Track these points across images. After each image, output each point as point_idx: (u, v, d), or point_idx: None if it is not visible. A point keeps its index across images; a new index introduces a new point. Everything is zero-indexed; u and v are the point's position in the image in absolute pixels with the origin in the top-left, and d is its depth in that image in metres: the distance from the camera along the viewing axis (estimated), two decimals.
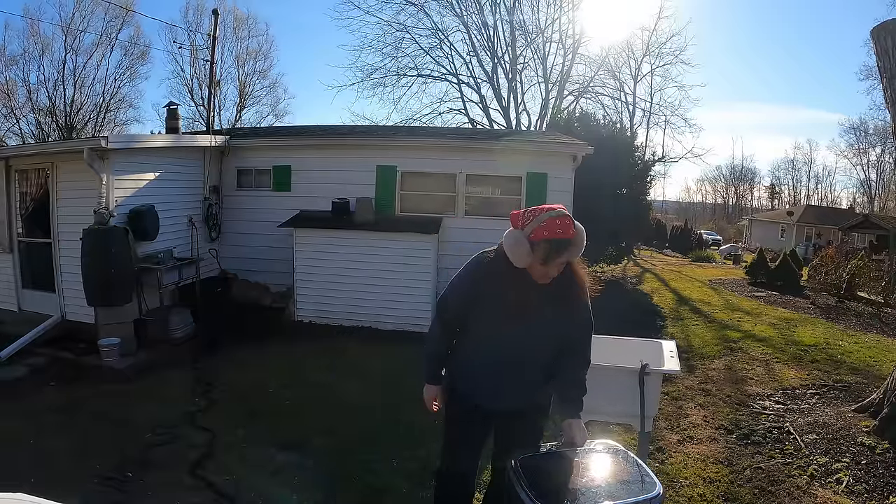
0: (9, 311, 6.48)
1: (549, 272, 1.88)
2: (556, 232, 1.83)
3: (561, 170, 7.53)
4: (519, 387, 2.03)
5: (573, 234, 1.87)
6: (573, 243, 1.87)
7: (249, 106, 31.10)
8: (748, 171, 55.65)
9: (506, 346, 1.99)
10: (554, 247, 1.84)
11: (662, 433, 3.97)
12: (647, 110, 26.66)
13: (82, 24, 26.34)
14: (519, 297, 1.90)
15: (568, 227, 1.85)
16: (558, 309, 1.95)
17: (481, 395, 2.08)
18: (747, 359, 5.87)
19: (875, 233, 22.77)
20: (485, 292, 1.97)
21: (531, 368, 2.03)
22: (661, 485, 1.70)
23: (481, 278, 2.00)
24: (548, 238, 1.83)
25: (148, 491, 3.06)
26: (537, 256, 1.85)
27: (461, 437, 2.18)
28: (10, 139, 24.83)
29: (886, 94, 4.08)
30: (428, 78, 21.52)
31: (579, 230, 1.90)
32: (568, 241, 1.85)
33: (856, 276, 9.73)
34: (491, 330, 2.00)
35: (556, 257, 1.85)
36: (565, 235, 1.84)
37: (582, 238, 1.90)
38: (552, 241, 1.83)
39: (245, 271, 7.98)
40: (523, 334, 1.95)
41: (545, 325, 1.96)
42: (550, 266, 1.86)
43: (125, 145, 6.06)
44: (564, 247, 1.85)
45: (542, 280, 1.90)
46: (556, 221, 1.83)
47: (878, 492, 3.03)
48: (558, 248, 1.84)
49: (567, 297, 1.96)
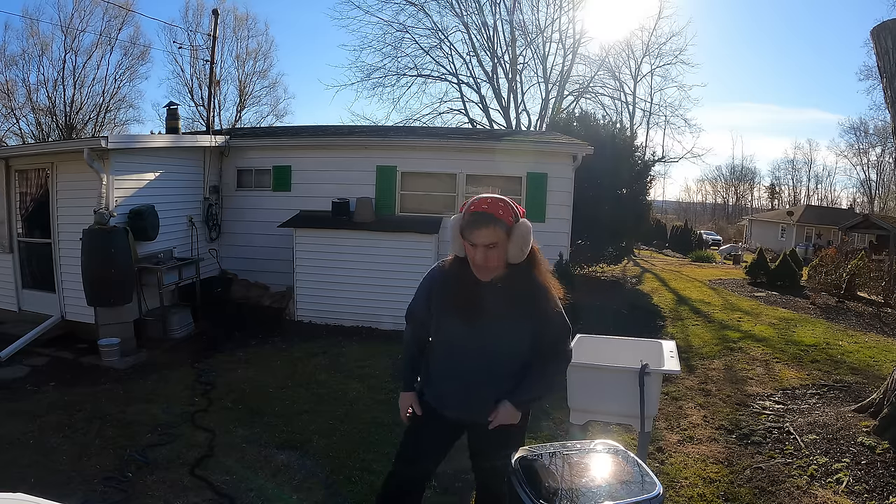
0: (9, 311, 6.48)
1: (476, 256, 1.81)
2: (481, 206, 1.81)
3: (561, 170, 7.53)
4: (483, 396, 1.93)
5: (497, 211, 1.80)
6: (493, 220, 1.78)
7: (249, 106, 31.17)
8: (748, 171, 55.79)
9: (464, 351, 1.94)
10: (468, 219, 1.81)
11: (662, 433, 3.97)
12: (647, 110, 26.76)
13: (81, 24, 26.40)
14: (464, 295, 1.88)
15: (493, 204, 1.81)
16: (513, 311, 1.88)
17: (444, 403, 2.03)
18: (747, 359, 5.87)
19: (875, 233, 22.77)
20: (438, 295, 1.97)
21: (495, 377, 1.94)
22: (662, 485, 1.70)
23: (435, 282, 2.00)
24: (470, 211, 1.82)
25: (148, 491, 3.06)
26: (464, 234, 1.82)
27: (413, 443, 2.11)
28: (10, 139, 24.87)
29: (886, 94, 4.08)
30: (428, 78, 21.58)
31: (511, 214, 1.83)
32: (486, 214, 1.79)
33: (856, 276, 9.74)
34: (448, 335, 1.98)
35: (471, 230, 1.79)
36: (488, 210, 1.80)
37: (520, 229, 1.83)
38: (471, 214, 1.81)
39: (245, 271, 7.98)
40: (478, 338, 1.90)
41: (500, 329, 1.89)
42: (477, 248, 1.80)
43: (125, 145, 6.06)
44: (482, 221, 1.78)
45: (481, 269, 1.85)
46: (483, 199, 1.83)
47: (878, 492, 3.03)
48: (475, 221, 1.79)
49: (524, 300, 1.88)
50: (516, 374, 1.94)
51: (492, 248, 1.80)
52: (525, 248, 1.84)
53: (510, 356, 1.94)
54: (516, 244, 1.82)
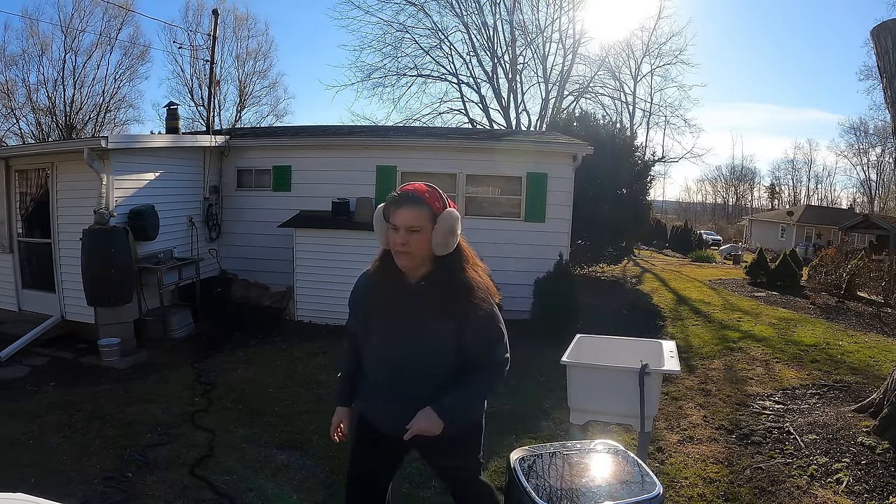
0: (9, 311, 6.48)
1: (397, 238, 1.69)
2: (407, 188, 1.74)
3: (561, 170, 7.53)
4: (414, 410, 1.73)
5: (423, 194, 1.72)
6: (418, 201, 1.69)
7: (249, 106, 31.17)
8: (748, 171, 55.80)
9: (391, 362, 1.80)
10: (392, 199, 1.73)
11: (662, 433, 3.97)
12: (647, 110, 26.76)
13: (81, 24, 26.38)
14: (388, 298, 1.77)
15: (420, 187, 1.74)
16: (441, 313, 1.72)
17: (378, 418, 1.90)
18: (747, 359, 5.87)
19: (875, 233, 22.77)
20: (364, 301, 1.85)
21: (425, 388, 1.76)
22: (662, 485, 1.70)
23: (358, 290, 1.90)
24: (395, 193, 1.76)
25: (148, 491, 3.06)
26: (387, 215, 1.74)
27: (357, 467, 1.98)
28: (10, 139, 24.87)
29: (886, 94, 4.08)
30: (428, 78, 21.59)
31: (439, 201, 1.73)
32: (411, 194, 1.71)
33: (856, 276, 9.74)
34: (374, 344, 1.84)
35: (394, 210, 1.71)
36: (414, 192, 1.72)
37: (446, 217, 1.71)
38: (396, 195, 1.74)
39: (245, 271, 7.99)
40: (404, 346, 1.77)
41: (427, 334, 1.75)
42: (399, 231, 1.69)
43: (125, 145, 6.06)
44: (406, 200, 1.70)
45: (402, 256, 1.71)
46: (411, 184, 1.77)
47: (878, 492, 3.03)
48: (399, 200, 1.71)
49: (452, 301, 1.72)
50: (443, 388, 1.77)
51: (414, 233, 1.68)
52: (451, 239, 1.72)
53: (441, 364, 1.78)
54: (441, 232, 1.69)
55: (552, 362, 3.36)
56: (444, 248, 1.71)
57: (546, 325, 6.51)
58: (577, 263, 10.82)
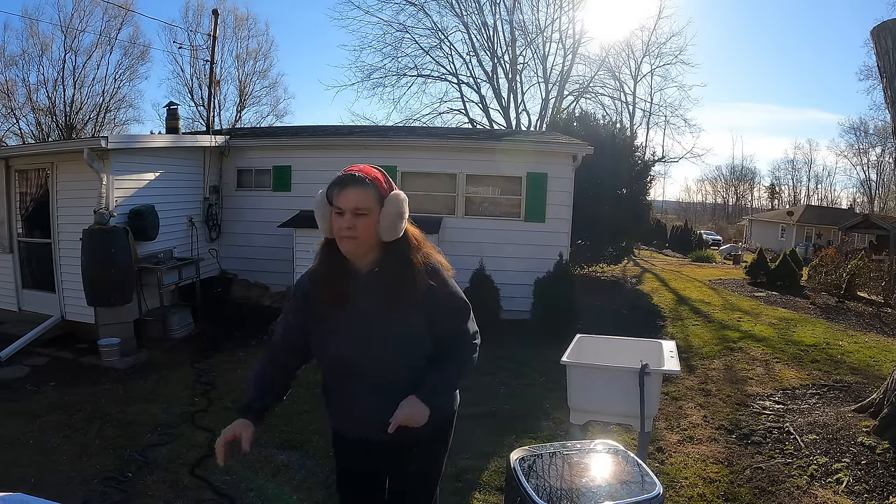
0: (9, 311, 6.48)
1: (342, 223, 1.56)
2: (352, 169, 1.63)
3: (561, 170, 7.53)
4: (384, 411, 1.56)
5: (369, 174, 1.60)
6: (364, 182, 1.57)
7: (249, 106, 31.16)
8: (748, 171, 55.79)
9: (355, 360, 1.64)
10: (336, 181, 1.61)
11: (662, 433, 3.97)
12: (647, 110, 26.76)
13: (81, 24, 26.37)
14: (336, 288, 1.63)
15: (366, 169, 1.62)
16: (397, 301, 1.59)
17: (346, 424, 1.79)
18: (747, 359, 5.87)
19: (875, 233, 22.77)
20: (311, 301, 1.68)
21: (392, 386, 1.61)
22: (662, 485, 1.70)
23: (307, 283, 1.73)
24: (339, 175, 1.63)
25: (148, 491, 3.06)
26: (331, 198, 1.62)
27: (350, 488, 1.87)
28: (10, 139, 24.87)
29: (886, 94, 4.08)
30: (428, 78, 21.58)
31: (386, 183, 1.63)
32: (356, 175, 1.59)
33: (856, 276, 9.74)
34: (329, 347, 1.68)
35: (338, 191, 1.58)
36: (359, 172, 1.60)
37: (394, 199, 1.60)
38: (340, 176, 1.62)
39: (245, 271, 7.98)
40: (363, 344, 1.61)
41: (387, 326, 1.60)
42: (344, 215, 1.56)
43: (125, 145, 6.06)
44: (351, 181, 1.58)
45: (348, 243, 1.58)
46: (355, 165, 1.65)
47: (878, 492, 3.03)
48: (343, 181, 1.59)
49: (407, 285, 1.59)
50: (418, 380, 1.62)
51: (361, 216, 1.56)
52: (399, 222, 1.60)
53: (417, 354, 1.65)
54: (389, 215, 1.58)
55: (552, 362, 3.36)
56: (392, 231, 1.59)
57: (546, 325, 6.51)
58: (577, 263, 10.82)
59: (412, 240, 1.67)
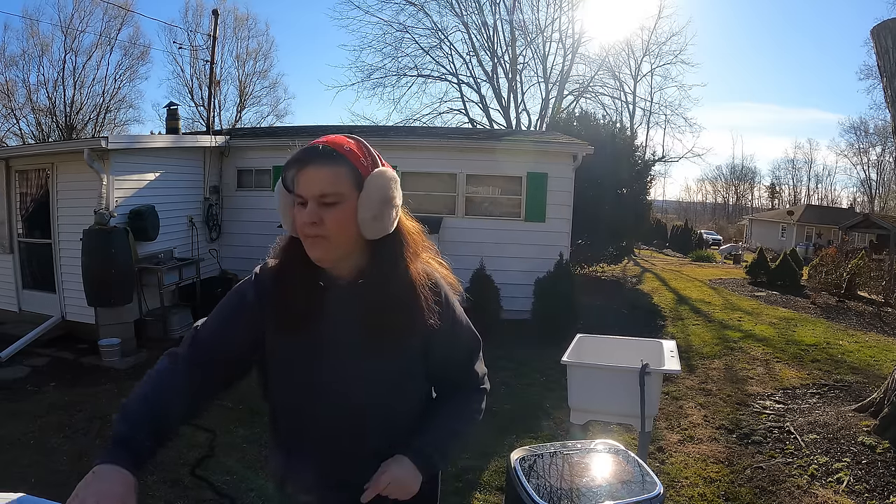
0: (9, 312, 6.49)
1: (303, 218, 1.09)
2: (319, 140, 1.14)
3: (561, 169, 7.53)
4: (359, 475, 1.13)
5: (341, 146, 1.12)
6: (333, 156, 1.09)
7: (249, 106, 31.13)
8: (748, 171, 55.73)
9: (323, 407, 1.18)
10: (292, 158, 1.12)
11: (663, 433, 3.97)
12: (647, 110, 26.76)
13: (81, 25, 26.36)
14: (301, 305, 1.15)
15: (338, 140, 1.15)
16: (386, 326, 1.12)
17: (300, 485, 1.23)
18: (747, 358, 5.87)
19: (875, 232, 22.79)
20: (265, 313, 1.19)
21: (370, 442, 1.18)
22: (662, 484, 1.70)
23: (266, 283, 1.24)
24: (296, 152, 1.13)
25: (149, 491, 3.06)
26: (287, 181, 1.15)
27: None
28: (10, 139, 24.87)
29: (886, 94, 4.08)
30: (428, 78, 21.58)
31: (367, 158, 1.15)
32: (323, 147, 1.10)
33: (856, 275, 9.74)
34: (292, 383, 1.21)
35: (297, 170, 1.10)
36: (328, 144, 1.12)
37: (378, 179, 1.12)
38: (301, 150, 1.12)
39: (245, 271, 7.78)
40: (341, 381, 1.15)
41: (370, 359, 1.15)
42: (307, 206, 1.09)
43: (125, 146, 6.06)
44: (314, 156, 1.09)
45: (314, 245, 1.11)
46: (326, 136, 1.18)
47: (879, 491, 3.03)
48: (303, 158, 1.10)
49: (401, 305, 1.13)
50: (409, 427, 1.21)
51: (329, 206, 1.07)
52: (387, 211, 1.12)
53: (395, 405, 1.20)
54: (371, 202, 1.09)
55: (552, 362, 3.36)
56: (378, 226, 1.11)
57: (546, 325, 6.51)
58: (578, 263, 10.82)
59: (408, 238, 1.21)
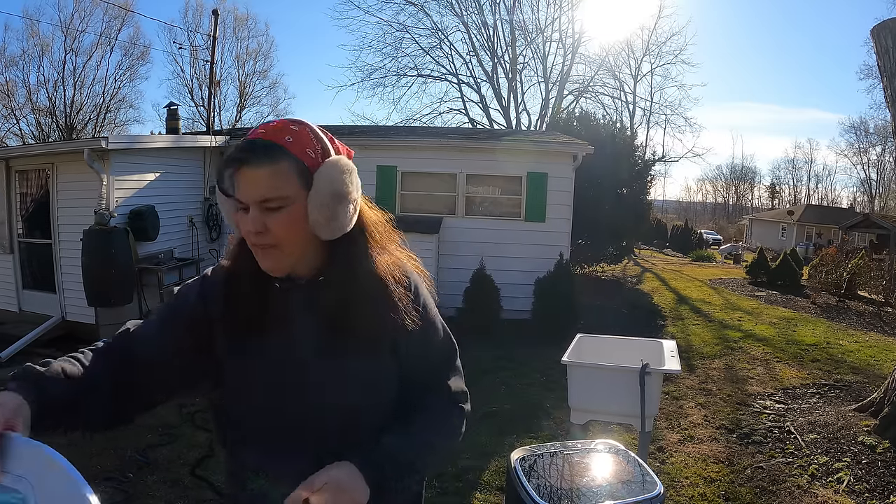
0: (9, 312, 6.49)
1: (247, 226, 0.93)
2: (257, 132, 0.95)
3: (561, 169, 7.53)
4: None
5: (281, 138, 0.92)
6: (272, 151, 0.91)
7: (249, 106, 31.09)
8: (748, 171, 55.69)
9: (268, 410, 1.01)
10: (229, 156, 0.93)
11: (663, 433, 3.97)
12: (648, 109, 26.76)
13: (82, 25, 26.35)
14: (256, 309, 1.00)
15: (277, 128, 0.94)
16: (350, 331, 0.97)
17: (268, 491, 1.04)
18: (748, 358, 5.87)
19: (875, 232, 22.78)
20: (212, 315, 1.03)
21: (336, 437, 1.00)
22: (662, 484, 1.70)
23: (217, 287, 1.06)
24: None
25: (149, 491, 3.06)
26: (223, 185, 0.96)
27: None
28: (11, 140, 24.86)
29: (886, 94, 4.09)
30: (428, 78, 21.60)
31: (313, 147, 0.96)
32: (260, 142, 0.91)
33: (856, 275, 9.74)
34: (248, 393, 1.02)
35: (232, 171, 0.92)
36: (265, 136, 0.93)
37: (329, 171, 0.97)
38: (235, 148, 0.94)
39: None
40: (300, 390, 0.99)
41: (333, 367, 0.99)
42: (249, 212, 0.92)
43: (126, 146, 6.07)
44: (250, 154, 0.90)
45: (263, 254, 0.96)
46: (265, 124, 0.97)
47: (879, 491, 3.03)
48: (236, 157, 0.91)
49: (366, 307, 0.98)
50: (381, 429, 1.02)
51: (273, 211, 0.92)
52: (341, 208, 0.97)
53: (362, 402, 1.01)
54: (322, 199, 0.94)
55: (552, 362, 3.36)
56: (332, 226, 0.97)
57: (546, 325, 6.51)
58: (578, 263, 10.82)
59: (371, 232, 1.08)
